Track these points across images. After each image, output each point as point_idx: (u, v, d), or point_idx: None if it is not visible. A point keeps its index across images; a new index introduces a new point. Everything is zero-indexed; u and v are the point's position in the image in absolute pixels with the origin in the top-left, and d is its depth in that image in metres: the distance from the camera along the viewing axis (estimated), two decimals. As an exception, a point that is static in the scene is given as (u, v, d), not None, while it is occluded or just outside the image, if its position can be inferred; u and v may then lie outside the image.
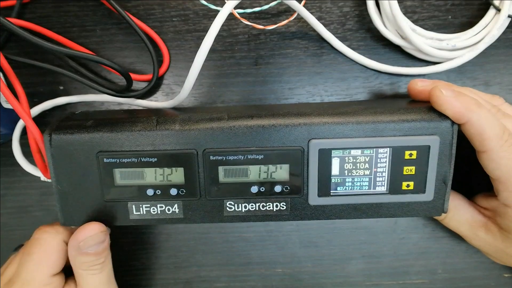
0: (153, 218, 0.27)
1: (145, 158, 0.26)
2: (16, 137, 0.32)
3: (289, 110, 0.27)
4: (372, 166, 0.26)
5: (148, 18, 0.32)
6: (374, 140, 0.25)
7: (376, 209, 0.27)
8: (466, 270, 0.35)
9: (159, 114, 0.28)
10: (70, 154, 0.26)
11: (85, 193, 0.27)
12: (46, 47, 0.25)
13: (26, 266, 0.27)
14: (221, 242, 0.36)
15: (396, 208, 0.27)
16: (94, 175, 0.26)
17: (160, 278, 0.37)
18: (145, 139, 0.25)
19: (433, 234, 0.35)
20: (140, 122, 0.26)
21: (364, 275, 0.36)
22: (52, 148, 0.26)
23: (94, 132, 0.25)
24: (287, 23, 0.31)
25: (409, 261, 0.35)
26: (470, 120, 0.23)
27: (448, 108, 0.24)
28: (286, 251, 0.36)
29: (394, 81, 0.33)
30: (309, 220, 0.27)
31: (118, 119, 0.27)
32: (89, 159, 0.26)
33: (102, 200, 0.27)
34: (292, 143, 0.25)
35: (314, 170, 0.26)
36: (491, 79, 0.32)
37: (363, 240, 0.35)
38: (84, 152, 0.26)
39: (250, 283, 0.36)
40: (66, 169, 0.26)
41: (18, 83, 0.28)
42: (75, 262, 0.27)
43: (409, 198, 0.26)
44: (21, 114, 0.26)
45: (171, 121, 0.26)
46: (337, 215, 0.27)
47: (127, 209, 0.27)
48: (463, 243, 0.34)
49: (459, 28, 0.32)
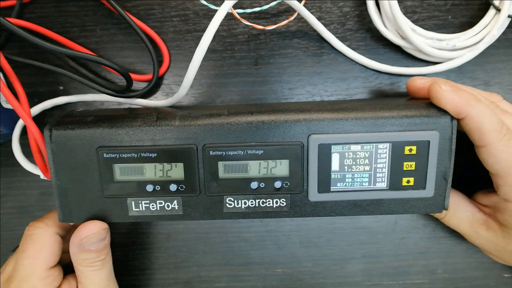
0: (152, 214, 0.27)
1: (145, 154, 0.26)
2: (16, 137, 0.32)
3: (289, 107, 0.27)
4: (372, 161, 0.26)
5: (148, 18, 0.32)
6: (374, 135, 0.25)
7: (377, 205, 0.27)
8: (466, 270, 0.35)
9: (159, 111, 0.28)
10: (70, 149, 0.26)
11: (84, 189, 0.27)
12: (46, 48, 0.25)
13: (22, 263, 0.28)
14: (221, 242, 0.36)
15: (397, 205, 0.27)
16: (94, 170, 0.26)
17: (160, 278, 0.36)
18: (145, 134, 0.25)
19: (433, 234, 0.35)
20: (140, 118, 0.26)
21: (364, 275, 0.36)
22: (52, 143, 0.26)
23: (94, 128, 0.25)
24: (287, 23, 0.31)
25: (409, 261, 0.35)
26: (469, 114, 0.24)
27: (447, 102, 0.24)
28: (286, 251, 0.36)
29: (394, 81, 0.33)
30: (309, 216, 0.27)
31: (118, 115, 0.27)
32: (89, 155, 0.26)
33: (101, 196, 0.27)
34: (291, 138, 0.25)
35: (314, 166, 0.26)
36: (491, 79, 0.32)
37: (363, 240, 0.35)
38: (84, 147, 0.26)
39: (250, 283, 0.36)
40: (66, 165, 0.26)
41: (18, 83, 0.28)
42: (76, 259, 0.28)
43: (410, 194, 0.26)
44: (21, 114, 0.26)
45: (171, 116, 0.26)
46: (337, 212, 0.27)
47: (126, 205, 0.27)
48: (463, 243, 0.34)
49: (459, 28, 0.32)
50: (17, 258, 0.28)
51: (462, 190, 0.30)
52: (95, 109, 0.31)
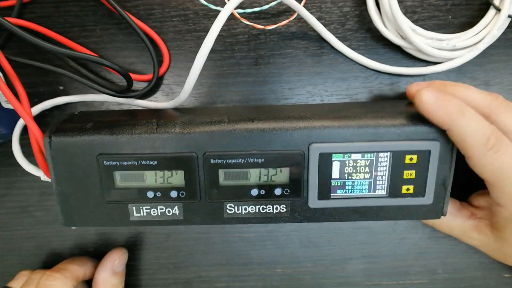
0: (153, 219, 0.27)
1: (145, 161, 0.26)
2: (16, 137, 0.32)
3: (289, 114, 0.27)
4: (373, 170, 0.26)
5: (148, 18, 0.32)
6: (375, 145, 0.25)
7: (376, 212, 0.27)
8: (466, 270, 0.35)
9: (159, 116, 0.28)
10: (70, 156, 0.26)
11: (85, 195, 0.27)
12: (47, 48, 0.25)
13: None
14: (221, 242, 0.36)
15: (396, 211, 0.27)
16: (95, 177, 0.26)
17: (160, 278, 0.37)
18: (145, 142, 0.25)
19: (433, 234, 0.35)
20: (140, 125, 0.26)
21: (364, 275, 0.36)
22: (52, 150, 0.26)
23: (94, 135, 0.25)
24: (287, 23, 0.31)
25: (409, 261, 0.35)
26: (451, 128, 0.23)
27: (429, 116, 0.24)
28: (286, 251, 0.36)
29: (394, 81, 0.33)
30: (308, 222, 0.27)
31: (117, 121, 0.27)
32: (89, 161, 0.26)
33: (102, 202, 0.27)
34: (292, 146, 0.25)
35: (314, 174, 0.26)
36: (491, 79, 0.32)
37: (363, 240, 0.35)
38: (84, 154, 0.26)
39: (250, 283, 0.36)
40: (66, 171, 0.26)
41: (19, 83, 0.28)
42: (107, 285, 0.31)
43: (409, 202, 0.26)
44: (23, 115, 0.26)
45: (171, 124, 0.26)
46: (337, 218, 0.27)
47: (127, 211, 0.27)
48: (463, 243, 0.34)
49: (459, 28, 0.32)
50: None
51: (456, 193, 0.30)
52: (94, 112, 0.31)
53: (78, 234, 0.36)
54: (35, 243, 0.36)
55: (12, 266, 0.37)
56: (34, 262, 0.37)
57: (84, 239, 0.36)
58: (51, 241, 0.36)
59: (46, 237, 0.36)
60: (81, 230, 0.36)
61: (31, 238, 0.36)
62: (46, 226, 0.36)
